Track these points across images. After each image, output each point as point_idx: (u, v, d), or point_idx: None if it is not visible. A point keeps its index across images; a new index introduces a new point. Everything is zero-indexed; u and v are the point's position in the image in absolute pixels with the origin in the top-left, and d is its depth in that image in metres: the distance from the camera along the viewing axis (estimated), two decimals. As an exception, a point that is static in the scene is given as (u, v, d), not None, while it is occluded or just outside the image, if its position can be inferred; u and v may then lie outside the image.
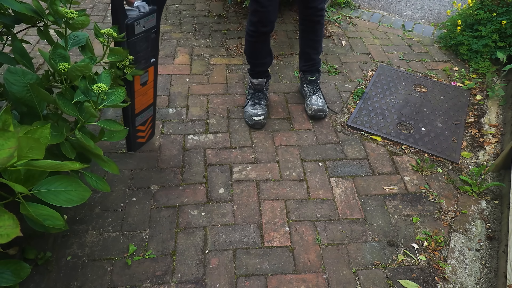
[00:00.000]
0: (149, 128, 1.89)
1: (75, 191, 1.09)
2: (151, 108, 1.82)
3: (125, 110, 1.69)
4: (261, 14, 1.84)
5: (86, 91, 1.24)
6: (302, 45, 2.17)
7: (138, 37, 1.46)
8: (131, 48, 1.47)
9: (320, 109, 2.14)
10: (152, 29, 1.52)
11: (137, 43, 1.48)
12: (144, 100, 1.73)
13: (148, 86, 1.71)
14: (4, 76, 1.14)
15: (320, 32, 2.10)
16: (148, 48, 1.56)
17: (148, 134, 1.92)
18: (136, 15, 1.41)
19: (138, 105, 1.71)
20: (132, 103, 1.66)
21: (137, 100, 1.68)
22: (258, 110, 2.11)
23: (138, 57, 1.53)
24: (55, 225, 1.00)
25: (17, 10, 1.19)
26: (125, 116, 1.71)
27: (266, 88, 2.22)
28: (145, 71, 1.63)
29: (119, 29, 1.39)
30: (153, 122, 1.90)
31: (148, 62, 1.62)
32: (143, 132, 1.86)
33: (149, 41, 1.54)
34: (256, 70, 2.13)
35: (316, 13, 1.97)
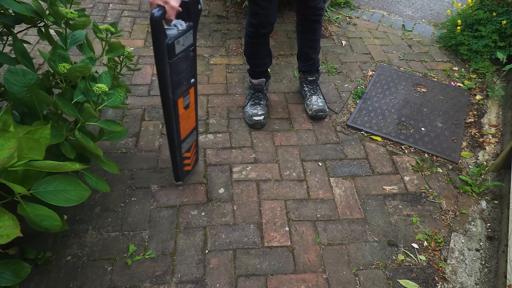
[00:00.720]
0: (194, 153, 1.79)
1: (74, 191, 1.09)
2: (194, 132, 1.71)
3: (171, 138, 1.57)
4: (261, 16, 1.84)
5: (86, 92, 1.24)
6: (301, 45, 2.17)
7: (179, 57, 1.36)
8: (174, 69, 1.36)
9: (321, 109, 2.15)
10: (190, 47, 1.41)
11: (179, 64, 1.38)
12: (188, 124, 1.62)
13: (191, 108, 1.60)
14: (5, 76, 1.14)
15: (319, 32, 2.09)
16: (188, 68, 1.45)
17: (194, 160, 1.81)
18: (175, 34, 1.31)
19: (183, 130, 1.59)
20: (177, 129, 1.55)
21: (182, 125, 1.56)
22: (258, 110, 2.11)
23: (180, 79, 1.42)
24: (52, 226, 1.00)
25: (17, 11, 1.19)
26: (171, 144, 1.60)
27: (266, 88, 2.22)
28: (187, 93, 1.51)
29: (160, 50, 1.28)
30: (197, 148, 1.80)
31: (189, 82, 1.50)
32: (188, 159, 1.75)
33: (188, 60, 1.44)
34: (256, 70, 2.13)
35: (316, 13, 1.97)
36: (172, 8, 1.23)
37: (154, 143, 1.99)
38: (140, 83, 2.35)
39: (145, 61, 2.53)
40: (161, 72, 1.34)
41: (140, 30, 2.83)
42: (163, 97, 1.43)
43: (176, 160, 1.67)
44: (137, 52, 2.60)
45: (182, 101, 1.50)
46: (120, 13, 2.99)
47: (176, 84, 1.41)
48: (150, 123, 2.10)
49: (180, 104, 1.49)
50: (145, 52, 2.61)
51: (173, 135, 1.56)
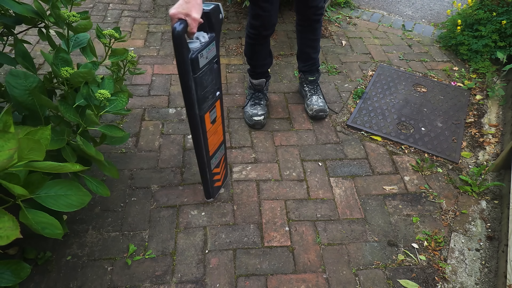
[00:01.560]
0: (223, 168, 1.74)
1: (75, 196, 1.08)
2: (222, 146, 1.65)
3: (199, 155, 1.52)
4: (263, 18, 1.83)
5: (89, 97, 1.24)
6: (301, 45, 2.16)
7: (203, 71, 1.29)
8: (199, 84, 1.29)
9: (321, 109, 2.15)
10: (213, 59, 1.34)
11: (203, 77, 1.31)
12: (216, 139, 1.56)
13: (218, 122, 1.53)
14: (6, 79, 1.13)
15: (319, 31, 2.09)
16: (213, 81, 1.38)
17: (223, 174, 1.77)
18: (198, 47, 1.24)
19: (211, 145, 1.54)
20: (205, 145, 1.49)
21: (210, 140, 1.50)
22: (258, 110, 2.11)
23: (206, 93, 1.36)
24: (53, 234, 1.00)
25: (18, 12, 1.19)
26: (200, 161, 1.55)
27: (266, 88, 2.22)
28: (213, 107, 1.45)
29: (185, 65, 1.22)
30: (225, 162, 1.75)
31: (214, 96, 1.43)
32: (218, 174, 1.70)
33: (213, 73, 1.36)
34: (257, 71, 2.13)
35: (316, 12, 1.96)
36: (194, 20, 1.16)
37: (154, 143, 1.99)
38: (140, 83, 2.35)
39: (145, 61, 2.53)
40: (186, 88, 1.28)
41: (140, 30, 2.83)
42: (190, 113, 1.37)
43: (206, 177, 1.61)
44: (137, 52, 2.60)
45: (209, 115, 1.44)
46: (120, 13, 2.99)
47: (202, 99, 1.35)
48: (150, 123, 2.10)
49: (207, 119, 1.43)
50: (145, 52, 2.61)
51: (201, 151, 1.51)
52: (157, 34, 2.80)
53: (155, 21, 2.95)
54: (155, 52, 2.63)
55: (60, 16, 1.23)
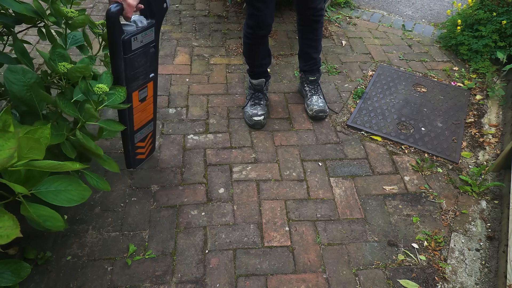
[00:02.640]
0: (149, 144, 1.84)
1: (76, 191, 1.09)
2: (151, 123, 1.76)
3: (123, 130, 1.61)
4: (258, 17, 1.84)
5: (87, 92, 1.24)
6: (302, 45, 2.16)
7: (135, 53, 1.39)
8: (129, 64, 1.39)
9: (321, 109, 2.15)
10: (150, 44, 1.45)
11: (135, 59, 1.41)
12: (143, 116, 1.68)
13: (148, 102, 1.65)
14: (4, 75, 1.14)
15: (320, 31, 2.09)
16: (147, 63, 1.49)
17: (148, 150, 1.87)
18: (133, 30, 1.34)
19: (137, 121, 1.64)
20: (131, 120, 1.60)
21: (136, 116, 1.62)
22: (258, 110, 2.11)
23: (137, 73, 1.47)
24: (55, 227, 1.00)
25: (17, 11, 1.19)
26: (124, 134, 1.65)
27: (266, 88, 2.22)
28: (144, 86, 1.56)
29: (115, 45, 1.31)
30: (153, 138, 1.86)
31: (147, 77, 1.55)
32: (143, 148, 1.81)
33: (147, 56, 1.47)
34: (255, 71, 2.13)
35: (316, 13, 1.97)
36: (129, 5, 1.25)
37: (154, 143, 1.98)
38: (140, 83, 2.35)
39: (145, 61, 2.53)
40: (115, 66, 1.36)
41: (140, 30, 2.83)
42: None
43: (128, 149, 1.71)
44: (137, 52, 2.60)
45: (138, 94, 1.55)
46: (120, 13, 2.99)
47: (131, 78, 1.44)
48: (150, 123, 2.09)
49: (134, 97, 1.54)
50: (145, 52, 2.61)
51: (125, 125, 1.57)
52: (157, 34, 2.80)
53: (155, 21, 2.94)
54: (155, 52, 2.62)
55: (60, 12, 1.23)
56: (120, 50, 1.32)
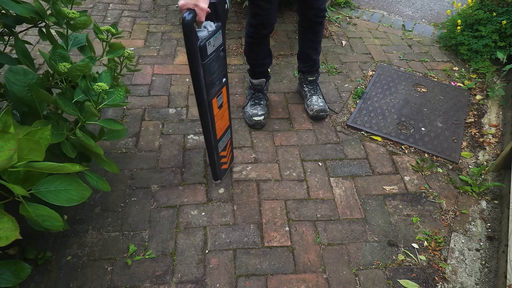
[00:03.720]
0: (229, 152, 1.82)
1: (75, 190, 1.09)
2: (228, 130, 1.75)
3: (207, 138, 1.60)
4: (261, 17, 1.83)
5: (87, 91, 1.24)
6: (302, 46, 2.16)
7: (211, 58, 1.38)
8: (207, 70, 1.37)
9: (322, 109, 2.15)
10: (220, 47, 1.43)
11: (211, 64, 1.40)
12: (223, 123, 1.65)
13: (224, 108, 1.62)
14: (5, 75, 1.14)
15: (320, 33, 2.09)
16: (220, 68, 1.47)
17: (230, 158, 1.85)
18: (206, 35, 1.32)
19: (219, 129, 1.62)
20: (213, 129, 1.57)
21: (217, 124, 1.59)
22: (258, 110, 2.11)
23: (213, 79, 1.45)
24: (54, 226, 1.00)
25: (18, 13, 1.19)
26: (208, 144, 1.62)
27: (266, 88, 2.22)
28: (220, 92, 1.53)
29: (194, 52, 1.29)
30: (231, 146, 1.83)
31: (221, 82, 1.53)
32: (225, 157, 1.79)
33: (220, 60, 1.46)
34: (256, 70, 2.13)
35: (318, 14, 1.96)
36: (202, 10, 1.23)
37: (154, 143, 1.99)
38: (140, 83, 2.35)
39: (145, 61, 2.53)
40: (195, 74, 1.35)
41: (140, 30, 2.83)
42: (198, 98, 1.45)
43: (214, 160, 1.69)
44: (137, 52, 2.60)
45: (216, 101, 1.52)
46: (120, 13, 2.99)
47: (209, 84, 1.43)
48: (150, 123, 2.10)
49: (214, 104, 1.51)
50: (145, 52, 2.61)
51: (209, 135, 1.58)
52: (157, 34, 2.80)
53: (155, 21, 2.95)
54: (155, 52, 2.63)
55: (61, 13, 1.23)
56: (198, 57, 1.31)
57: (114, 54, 1.41)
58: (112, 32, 1.37)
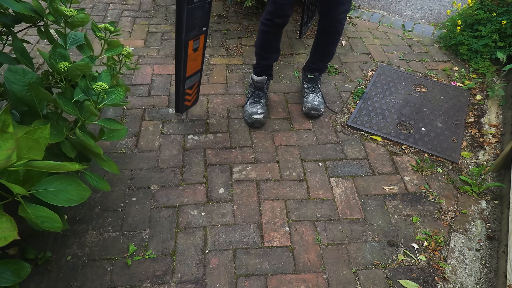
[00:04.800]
0: (195, 93, 2.10)
1: (75, 191, 1.08)
2: (198, 74, 2.01)
3: (177, 73, 1.87)
4: (277, 5, 1.86)
5: (87, 90, 1.24)
6: (314, 48, 2.18)
7: (196, 5, 1.66)
8: (190, 14, 1.65)
9: (314, 107, 2.15)
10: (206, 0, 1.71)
11: (195, 11, 1.68)
12: (194, 65, 1.92)
13: (198, 52, 1.89)
14: (5, 75, 1.14)
15: (331, 44, 2.10)
16: (202, 17, 1.75)
17: (194, 98, 2.12)
18: None
19: (189, 69, 1.89)
20: (184, 66, 1.83)
21: (188, 64, 1.86)
22: (257, 108, 2.11)
23: (194, 24, 1.72)
24: (53, 228, 1.00)
25: (17, 10, 1.19)
26: (177, 78, 1.89)
27: (267, 87, 2.22)
28: (197, 38, 1.82)
29: None
30: (198, 89, 2.11)
31: (200, 30, 1.80)
32: (189, 95, 2.05)
33: (203, 10, 1.74)
34: (262, 63, 2.13)
35: (335, 24, 1.98)
36: None
37: (154, 143, 1.98)
38: (140, 83, 2.35)
39: (145, 61, 2.53)
40: (179, 15, 1.64)
41: (140, 30, 2.83)
42: (177, 36, 1.73)
43: (179, 94, 1.95)
44: (137, 52, 2.60)
45: (192, 43, 1.80)
46: (120, 13, 2.99)
47: (189, 27, 1.71)
48: (150, 123, 2.09)
49: (190, 45, 1.79)
50: (145, 52, 2.61)
51: (180, 70, 1.85)
52: (157, 34, 2.80)
53: (155, 21, 2.94)
54: (155, 52, 2.63)
55: (58, 11, 1.23)
56: (185, 1, 1.59)
57: (112, 52, 1.41)
58: (110, 30, 1.37)
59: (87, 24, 1.37)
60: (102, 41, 1.41)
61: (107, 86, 1.19)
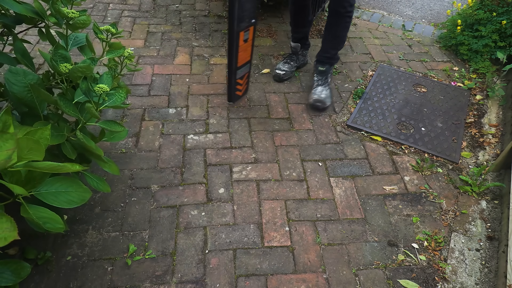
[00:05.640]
0: (245, 83, 2.19)
1: (76, 192, 1.09)
2: (248, 65, 2.09)
3: (229, 63, 1.97)
4: None
5: (88, 92, 1.24)
6: (325, 36, 2.29)
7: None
8: (240, 6, 1.75)
9: (320, 99, 2.20)
10: None
11: (244, 3, 1.76)
12: (244, 56, 2.01)
13: (248, 43, 1.98)
14: (5, 76, 1.14)
15: (342, 28, 2.20)
16: (251, 9, 1.84)
17: (244, 89, 2.22)
18: None
19: (240, 59, 1.98)
20: (236, 57, 1.93)
21: (240, 55, 1.95)
22: (283, 66, 2.40)
23: (244, 16, 1.81)
24: (55, 228, 1.00)
25: (18, 11, 1.19)
26: (229, 68, 1.99)
27: (302, 53, 2.50)
28: (247, 29, 1.90)
29: None
30: (248, 79, 2.20)
31: (250, 22, 1.89)
32: (240, 85, 2.14)
33: (253, 2, 1.83)
34: (292, 33, 2.43)
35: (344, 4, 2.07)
36: None
37: (154, 143, 1.99)
38: (140, 83, 2.35)
39: (145, 61, 2.53)
40: (231, 6, 1.74)
41: (140, 30, 2.83)
42: (230, 27, 1.84)
43: (231, 83, 2.06)
44: (137, 52, 2.60)
45: (243, 34, 1.89)
46: (120, 13, 2.99)
47: (240, 18, 1.80)
48: (150, 123, 2.10)
49: (241, 36, 1.89)
50: (145, 52, 2.61)
51: (232, 61, 1.95)
52: (157, 34, 2.80)
53: (155, 21, 2.95)
54: (155, 52, 2.63)
55: (60, 12, 1.23)
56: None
57: (114, 54, 1.41)
58: (111, 32, 1.37)
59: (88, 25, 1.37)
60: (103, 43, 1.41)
61: (108, 88, 1.19)
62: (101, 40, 1.37)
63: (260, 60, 2.62)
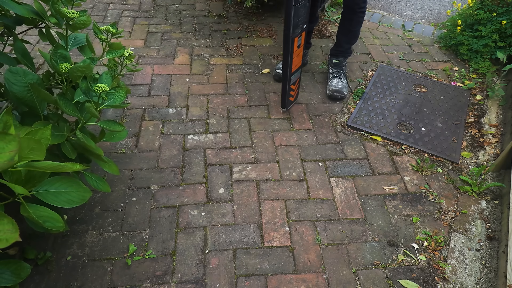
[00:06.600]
0: (296, 88, 2.19)
1: (76, 192, 1.09)
2: (299, 70, 2.12)
3: (284, 70, 1.98)
4: None
5: (87, 92, 1.24)
6: (338, 30, 2.37)
7: (300, 4, 1.75)
8: (296, 13, 1.76)
9: (337, 89, 2.28)
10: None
11: (299, 9, 1.77)
12: (297, 61, 2.03)
13: (300, 49, 2.00)
14: (5, 76, 1.14)
15: (355, 23, 2.26)
16: (304, 14, 1.85)
17: (296, 94, 2.22)
18: None
19: (294, 65, 2.00)
20: (290, 63, 1.94)
21: (294, 60, 1.97)
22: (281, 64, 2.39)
23: (298, 22, 1.83)
24: (55, 227, 1.00)
25: (18, 13, 1.19)
26: (285, 75, 2.00)
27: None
28: (300, 35, 1.93)
29: None
30: (299, 85, 2.22)
31: (303, 27, 1.91)
32: (293, 91, 2.16)
33: (305, 8, 1.83)
34: None
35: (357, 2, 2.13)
36: None
37: (154, 143, 1.99)
38: (140, 83, 2.35)
39: (145, 61, 2.53)
40: (288, 14, 1.74)
41: (140, 30, 2.83)
42: (286, 34, 1.84)
43: (285, 89, 2.06)
44: (137, 52, 2.60)
45: (297, 40, 1.91)
46: (120, 13, 2.99)
47: (295, 25, 1.81)
48: (150, 123, 2.10)
49: (295, 42, 1.90)
50: (145, 52, 2.61)
51: (287, 67, 1.96)
52: (157, 34, 2.80)
53: (155, 21, 2.95)
54: (155, 52, 2.63)
55: (60, 12, 1.23)
56: (293, 0, 1.69)
57: (114, 54, 1.41)
58: (111, 32, 1.37)
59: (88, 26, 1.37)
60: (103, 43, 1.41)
61: (108, 88, 1.19)
62: (101, 40, 1.37)
63: (260, 60, 2.62)
